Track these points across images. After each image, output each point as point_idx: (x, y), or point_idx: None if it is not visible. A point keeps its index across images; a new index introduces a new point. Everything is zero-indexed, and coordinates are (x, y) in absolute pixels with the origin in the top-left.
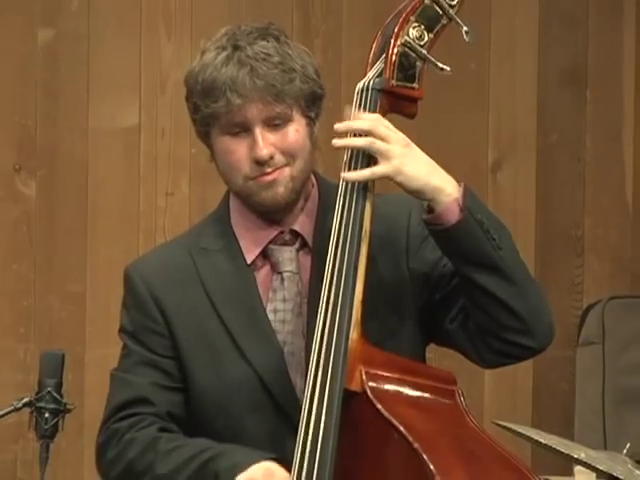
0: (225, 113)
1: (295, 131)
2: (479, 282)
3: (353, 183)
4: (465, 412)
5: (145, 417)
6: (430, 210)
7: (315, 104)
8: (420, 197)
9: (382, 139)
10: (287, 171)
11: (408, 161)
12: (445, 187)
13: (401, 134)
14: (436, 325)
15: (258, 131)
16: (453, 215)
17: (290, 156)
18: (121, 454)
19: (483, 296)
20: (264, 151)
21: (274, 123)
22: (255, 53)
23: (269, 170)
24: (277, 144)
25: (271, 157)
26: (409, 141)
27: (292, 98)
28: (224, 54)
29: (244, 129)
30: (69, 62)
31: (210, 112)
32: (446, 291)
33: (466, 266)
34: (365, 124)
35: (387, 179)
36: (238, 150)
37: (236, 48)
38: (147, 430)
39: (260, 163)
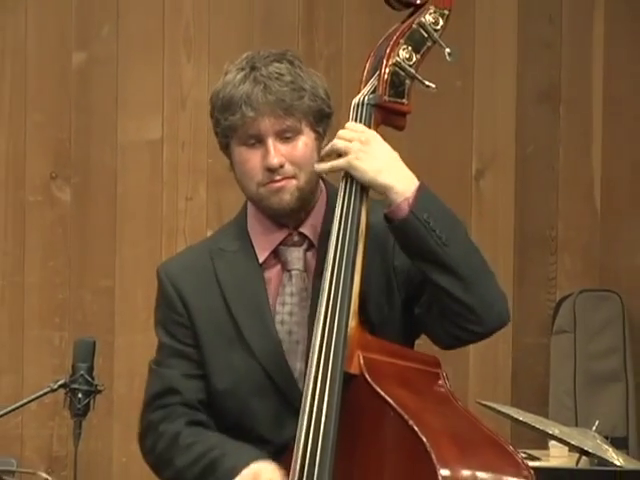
0: (241, 125)
1: (304, 144)
2: (429, 276)
3: (350, 190)
4: (449, 392)
5: (175, 408)
6: (389, 206)
7: (323, 121)
8: (375, 190)
9: (344, 139)
10: (294, 182)
11: (362, 157)
12: (394, 185)
13: (368, 133)
14: (411, 312)
15: (270, 142)
16: (401, 212)
17: (298, 167)
18: (154, 446)
19: (435, 288)
20: (275, 160)
21: (285, 136)
22: (269, 73)
23: (278, 178)
24: (287, 155)
25: (281, 166)
26: (372, 140)
27: (301, 113)
28: (242, 74)
29: (258, 140)
30: (100, 82)
31: (228, 124)
32: (417, 284)
33: (417, 261)
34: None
35: (344, 171)
36: (252, 159)
37: (253, 69)
38: (174, 424)
39: (271, 170)
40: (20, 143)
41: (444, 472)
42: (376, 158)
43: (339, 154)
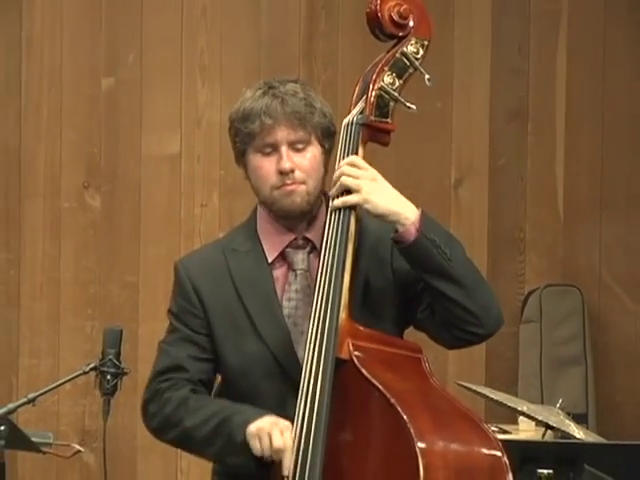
0: (259, 132)
1: (313, 155)
2: (436, 287)
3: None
4: (429, 375)
5: (180, 381)
6: (395, 231)
7: (328, 138)
8: (384, 220)
9: (352, 177)
10: (303, 187)
11: (373, 193)
12: (403, 213)
13: (372, 171)
14: (411, 315)
15: (284, 149)
16: (410, 235)
17: (307, 174)
18: (160, 409)
19: (441, 297)
20: (287, 164)
21: (297, 147)
22: (286, 90)
23: (289, 182)
24: (298, 163)
25: (292, 170)
26: (377, 176)
27: (312, 126)
28: (261, 91)
29: (273, 149)
30: (125, 104)
31: (248, 132)
32: (417, 290)
33: (425, 274)
34: (338, 171)
35: (358, 206)
36: (267, 165)
37: (270, 87)
38: (181, 391)
39: (284, 174)
40: (56, 157)
41: (421, 444)
42: (384, 193)
43: (348, 190)
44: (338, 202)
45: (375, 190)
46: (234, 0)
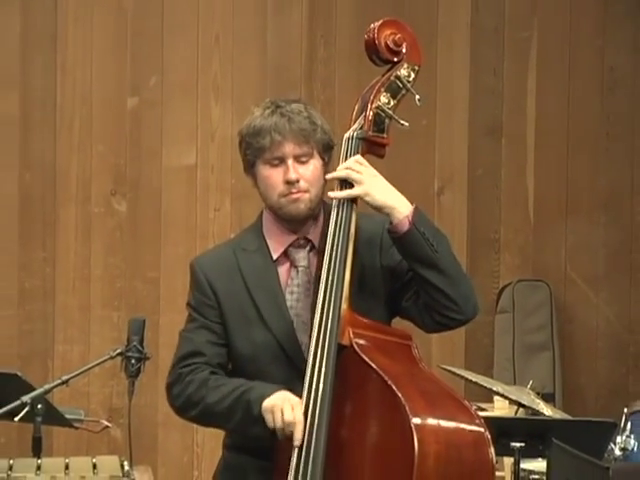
0: (269, 147)
1: (315, 167)
2: (423, 275)
3: (343, 203)
4: (419, 360)
5: (200, 366)
6: (391, 223)
7: (328, 151)
8: (381, 212)
9: (357, 172)
10: (307, 195)
11: (373, 187)
12: (398, 207)
13: (371, 169)
14: (397, 303)
15: (290, 162)
16: (403, 227)
17: (310, 184)
18: (183, 390)
19: (426, 284)
20: (294, 175)
21: (301, 160)
22: (292, 109)
23: (294, 190)
24: (302, 174)
25: (297, 181)
26: (377, 174)
27: (315, 142)
28: (269, 110)
29: (281, 161)
30: (148, 120)
31: (259, 147)
32: (404, 281)
33: (414, 263)
34: (345, 164)
35: (359, 198)
36: (274, 176)
37: (277, 107)
38: (201, 374)
39: (290, 183)
40: (87, 167)
41: (415, 420)
42: (383, 188)
43: (351, 183)
44: (343, 193)
45: (375, 185)
46: (244, 29)
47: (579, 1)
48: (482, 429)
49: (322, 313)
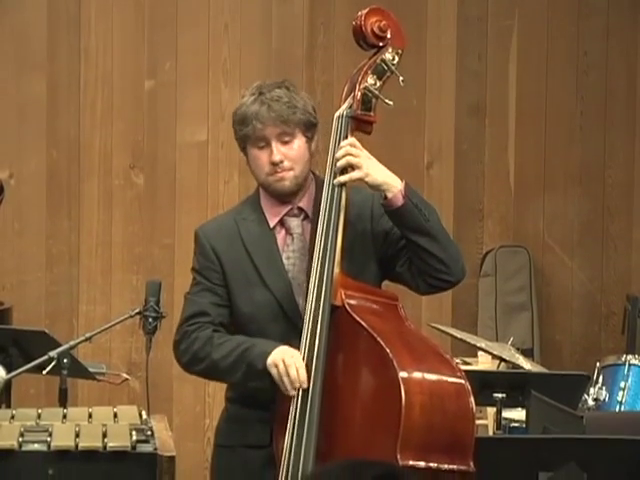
0: (252, 134)
1: (298, 146)
2: (416, 241)
3: (335, 176)
4: (405, 318)
5: (204, 324)
6: (385, 197)
7: (310, 129)
8: (378, 189)
9: (354, 157)
10: (291, 173)
11: (371, 169)
12: (393, 183)
13: (365, 152)
14: (391, 269)
15: (274, 144)
16: (398, 201)
17: (294, 162)
18: (189, 347)
19: (420, 250)
20: (277, 157)
21: (284, 139)
22: (272, 96)
23: (279, 170)
24: (285, 154)
25: (281, 161)
26: (371, 156)
27: (294, 123)
28: (252, 98)
29: (266, 143)
30: (164, 101)
31: (244, 133)
32: (397, 248)
33: (408, 232)
34: (341, 151)
35: (360, 180)
36: (262, 157)
37: (260, 93)
38: (206, 332)
39: (274, 164)
40: (108, 144)
41: (402, 374)
42: (378, 167)
43: (351, 167)
44: (345, 177)
45: (372, 166)
46: (250, 18)
47: None
48: (463, 381)
49: (316, 277)
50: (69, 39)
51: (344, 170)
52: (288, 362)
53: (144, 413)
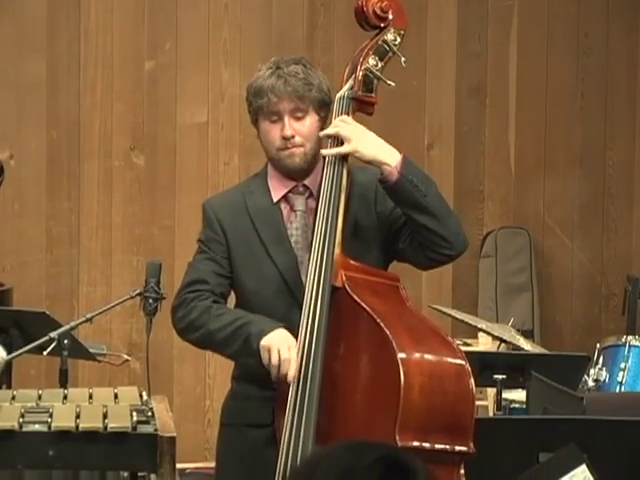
0: (266, 106)
1: (310, 123)
2: (415, 218)
3: (334, 159)
4: (406, 299)
5: (204, 293)
6: (381, 174)
7: (323, 108)
8: (372, 165)
9: (344, 130)
10: (302, 149)
11: (362, 143)
12: (386, 159)
13: (360, 126)
14: (394, 247)
15: (286, 119)
16: (392, 177)
17: (305, 138)
18: (186, 315)
19: (419, 226)
20: (289, 131)
21: (297, 115)
22: (289, 71)
23: (290, 145)
24: (297, 130)
25: (292, 136)
26: (365, 130)
27: (309, 100)
28: (269, 71)
29: (279, 117)
30: (164, 82)
31: (258, 105)
32: (399, 225)
33: (406, 209)
34: (333, 124)
35: (350, 154)
36: (273, 131)
37: (277, 68)
38: (205, 302)
39: (285, 139)
40: (108, 125)
41: (401, 355)
42: (371, 143)
43: (341, 140)
44: (332, 151)
45: (363, 141)
46: None
47: None
48: (463, 362)
49: (316, 257)
50: (69, 20)
51: (336, 143)
52: (284, 356)
53: (144, 394)
